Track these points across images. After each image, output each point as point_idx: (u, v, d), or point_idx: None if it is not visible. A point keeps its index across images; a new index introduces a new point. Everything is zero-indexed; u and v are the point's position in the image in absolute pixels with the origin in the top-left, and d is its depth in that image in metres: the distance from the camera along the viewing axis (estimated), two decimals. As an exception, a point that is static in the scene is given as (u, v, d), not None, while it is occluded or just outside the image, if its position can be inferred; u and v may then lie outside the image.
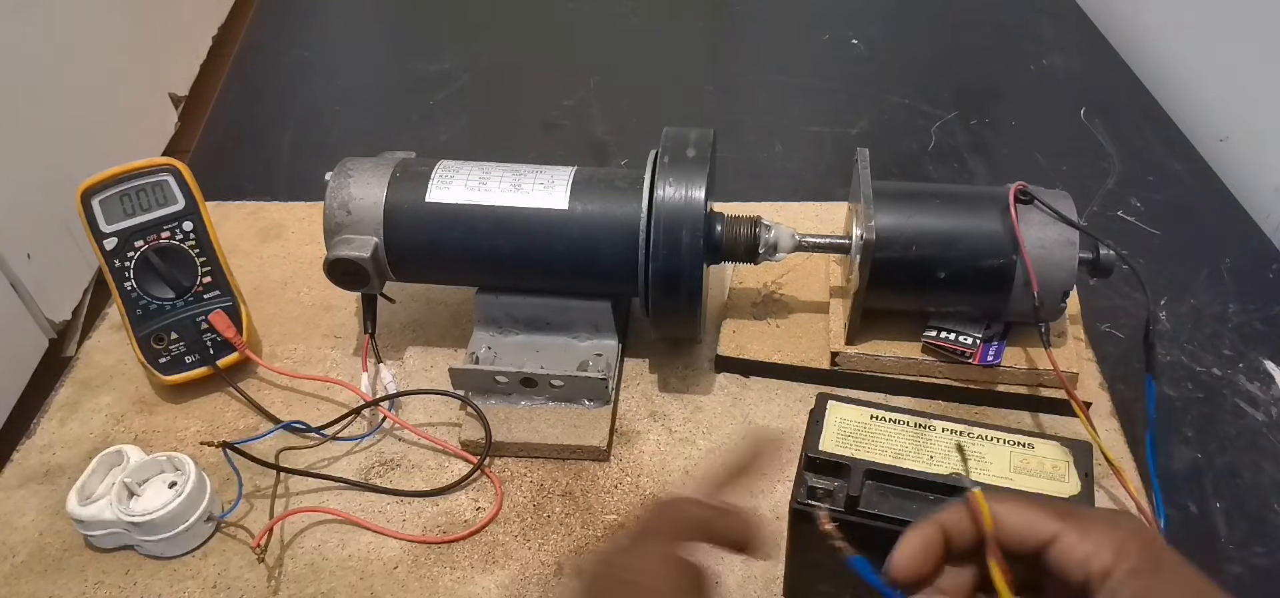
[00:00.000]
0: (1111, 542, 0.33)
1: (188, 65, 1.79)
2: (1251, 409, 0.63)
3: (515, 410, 0.62)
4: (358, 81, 1.08)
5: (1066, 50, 1.03)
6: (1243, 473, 0.60)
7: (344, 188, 0.61)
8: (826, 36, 1.08)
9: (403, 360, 0.68)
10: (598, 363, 0.63)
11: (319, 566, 0.56)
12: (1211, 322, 0.69)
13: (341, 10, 1.22)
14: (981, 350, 0.61)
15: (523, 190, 0.60)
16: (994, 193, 0.60)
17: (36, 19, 1.31)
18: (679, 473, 0.60)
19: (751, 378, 0.66)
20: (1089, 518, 0.34)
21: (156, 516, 0.54)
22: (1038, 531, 0.34)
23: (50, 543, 0.57)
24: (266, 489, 0.59)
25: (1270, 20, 0.85)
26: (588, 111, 0.97)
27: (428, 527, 0.57)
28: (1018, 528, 0.35)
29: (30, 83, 1.29)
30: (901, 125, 0.93)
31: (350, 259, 0.60)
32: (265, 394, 0.65)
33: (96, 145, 1.36)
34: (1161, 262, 0.74)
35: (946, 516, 0.36)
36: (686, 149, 0.59)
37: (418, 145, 0.67)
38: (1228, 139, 0.89)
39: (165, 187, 0.64)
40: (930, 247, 0.59)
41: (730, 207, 0.64)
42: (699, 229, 0.57)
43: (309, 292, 0.73)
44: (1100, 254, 0.59)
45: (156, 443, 0.62)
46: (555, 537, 0.57)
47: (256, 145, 0.95)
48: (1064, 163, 0.87)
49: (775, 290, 0.69)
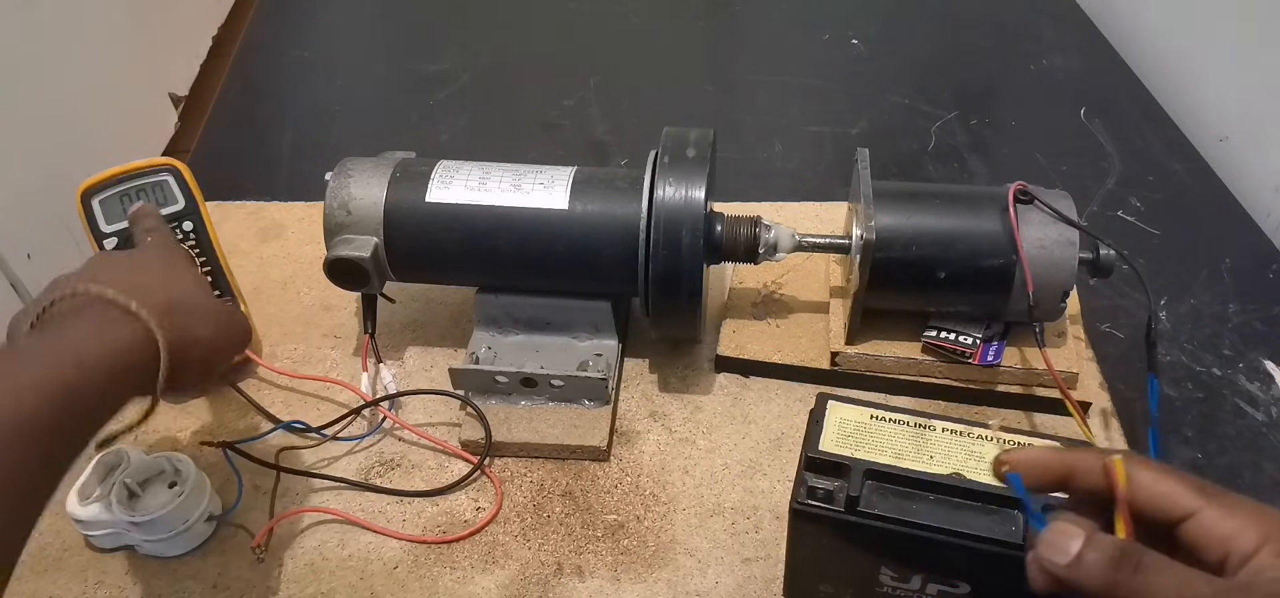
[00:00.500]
0: (1258, 525, 0.33)
1: (188, 65, 1.79)
2: (1251, 409, 0.63)
3: (515, 410, 0.62)
4: (358, 81, 1.08)
5: (1066, 50, 1.03)
6: (1243, 473, 0.60)
7: (344, 188, 0.61)
8: (826, 36, 1.08)
9: (403, 360, 0.68)
10: (598, 363, 0.63)
11: (319, 566, 0.56)
12: (1211, 322, 0.69)
13: (341, 10, 1.22)
14: (981, 350, 0.61)
15: (523, 190, 0.60)
16: (994, 193, 0.60)
17: (36, 19, 1.31)
18: (679, 473, 0.60)
19: (751, 378, 0.66)
20: (1232, 499, 0.35)
21: (156, 516, 0.54)
22: (1178, 503, 0.35)
23: (50, 543, 0.57)
24: (266, 489, 0.59)
25: (1270, 20, 0.85)
26: (588, 111, 0.97)
27: (428, 527, 0.57)
28: (1155, 496, 0.35)
29: (30, 83, 1.29)
30: (901, 125, 0.93)
31: (350, 259, 0.60)
32: (265, 394, 0.65)
33: (96, 145, 1.35)
34: (1161, 262, 0.74)
35: (1078, 456, 0.37)
36: (686, 149, 0.59)
37: (418, 145, 0.67)
38: (1228, 139, 0.89)
39: (165, 186, 0.64)
40: (930, 247, 0.59)
41: (730, 207, 0.64)
42: (699, 229, 0.57)
43: (309, 292, 0.73)
44: (1100, 254, 0.59)
45: (156, 443, 0.62)
46: (555, 537, 0.57)
47: (256, 145, 0.95)
48: (1064, 163, 0.86)
49: (775, 290, 0.69)
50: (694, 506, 0.58)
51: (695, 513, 0.58)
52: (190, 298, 0.50)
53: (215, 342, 0.52)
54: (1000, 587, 0.43)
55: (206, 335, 0.50)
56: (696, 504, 0.58)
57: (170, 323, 0.46)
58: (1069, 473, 0.37)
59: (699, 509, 0.58)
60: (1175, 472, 0.36)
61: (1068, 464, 0.37)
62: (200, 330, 0.49)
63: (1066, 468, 0.37)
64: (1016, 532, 0.41)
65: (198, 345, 0.49)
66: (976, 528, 0.42)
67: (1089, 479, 0.37)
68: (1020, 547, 0.41)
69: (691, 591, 0.54)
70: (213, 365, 0.53)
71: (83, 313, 0.45)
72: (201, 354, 0.50)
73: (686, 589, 0.54)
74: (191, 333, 0.48)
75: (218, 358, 0.54)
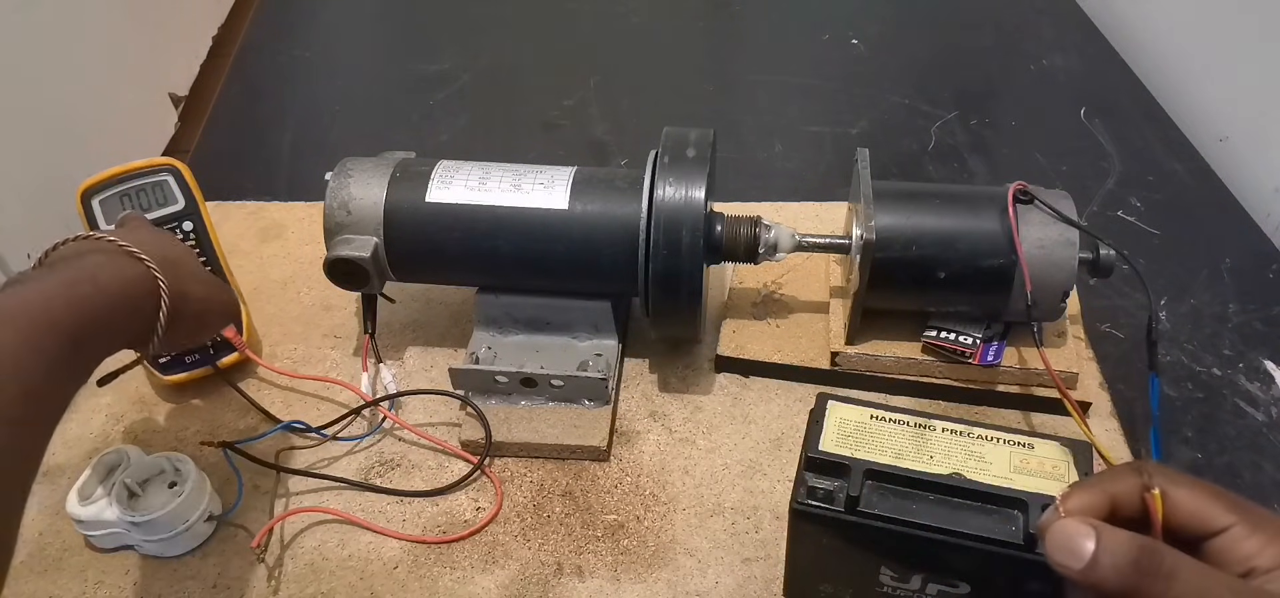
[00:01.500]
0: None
1: (188, 65, 1.79)
2: (1251, 409, 0.63)
3: (515, 410, 0.62)
4: (358, 81, 1.08)
5: (1066, 50, 1.03)
6: (1243, 473, 0.60)
7: (344, 188, 0.61)
8: (826, 36, 1.08)
9: (403, 360, 0.68)
10: (598, 363, 0.63)
11: (319, 566, 0.56)
12: (1211, 322, 0.69)
13: (341, 10, 1.22)
14: (981, 350, 0.61)
15: (523, 190, 0.60)
16: (993, 193, 0.60)
17: (37, 19, 1.31)
18: (679, 473, 0.60)
19: (751, 378, 0.66)
20: (1260, 515, 0.35)
21: (156, 516, 0.54)
22: (1212, 522, 0.35)
23: (50, 543, 0.57)
24: (266, 489, 0.59)
25: (1270, 20, 0.85)
26: (588, 111, 0.97)
27: (428, 527, 0.57)
28: (1191, 516, 0.36)
29: (30, 83, 1.29)
30: (901, 125, 0.93)
31: (350, 259, 0.60)
32: (265, 394, 0.65)
33: (96, 145, 1.35)
34: (1161, 262, 0.74)
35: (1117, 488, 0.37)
36: (686, 149, 0.59)
37: (418, 145, 0.67)
38: (1228, 139, 0.89)
39: (165, 186, 0.64)
40: (930, 247, 0.59)
41: (730, 207, 0.64)
42: (699, 229, 0.57)
43: (309, 292, 0.73)
44: (1100, 254, 0.59)
45: (156, 443, 0.62)
46: (555, 537, 0.57)
47: (256, 145, 0.95)
48: (1064, 163, 0.86)
49: (775, 290, 0.69)
50: (694, 506, 0.58)
51: (695, 513, 0.58)
52: (183, 259, 0.54)
53: (208, 302, 0.56)
54: (1000, 587, 0.43)
55: (200, 294, 0.54)
56: (696, 504, 0.58)
57: (167, 274, 0.49)
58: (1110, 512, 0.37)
59: (699, 509, 0.58)
60: (1207, 487, 0.36)
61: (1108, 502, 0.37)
62: (193, 288, 0.52)
63: (1108, 507, 0.37)
64: (1017, 532, 0.41)
65: (191, 301, 0.52)
66: (976, 528, 0.42)
67: (1128, 511, 0.37)
68: (1020, 547, 0.41)
69: (691, 591, 0.54)
70: (205, 324, 0.58)
71: (88, 254, 0.47)
72: (195, 310, 0.53)
73: (686, 589, 0.54)
74: (186, 288, 0.51)
75: (209, 318, 0.58)
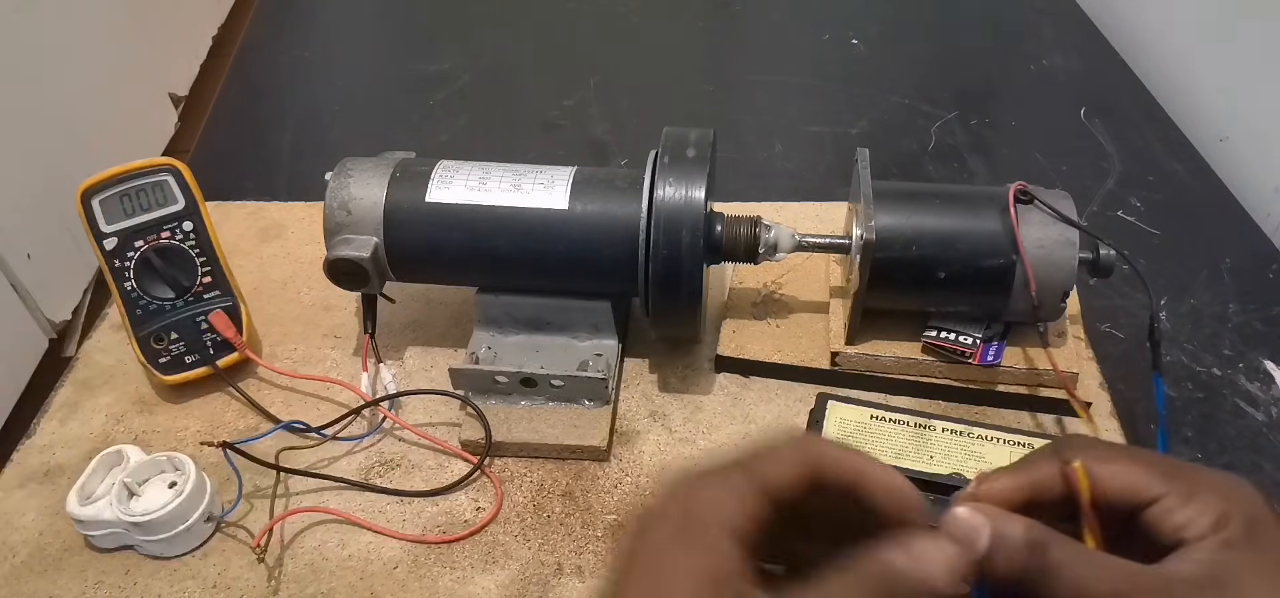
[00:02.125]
0: (1213, 510, 0.31)
1: (188, 65, 1.80)
2: (1251, 409, 0.63)
3: (515, 410, 0.62)
4: (358, 81, 1.08)
5: (1066, 50, 1.03)
6: (1242, 473, 0.59)
7: (344, 188, 0.61)
8: (826, 36, 1.08)
9: (403, 360, 0.68)
10: (598, 363, 0.63)
11: (319, 566, 0.56)
12: (1211, 322, 0.69)
13: (341, 10, 1.22)
14: (981, 350, 0.61)
15: (523, 190, 0.60)
16: (994, 193, 0.60)
17: (37, 19, 1.32)
18: (679, 473, 0.60)
19: (751, 378, 0.66)
20: (1196, 481, 0.32)
21: (156, 516, 0.54)
22: (1141, 493, 0.32)
23: (50, 543, 0.57)
24: (266, 489, 0.59)
25: (1270, 20, 0.85)
26: (588, 111, 0.97)
27: (428, 527, 0.57)
28: (1120, 491, 0.32)
29: (30, 83, 1.29)
30: (901, 125, 0.93)
31: (350, 259, 0.60)
32: (265, 394, 0.65)
33: (96, 145, 1.36)
34: (1161, 262, 0.74)
35: (1037, 473, 0.33)
36: (686, 149, 0.59)
37: (418, 145, 0.67)
38: (1228, 139, 0.89)
39: (165, 186, 0.64)
40: (930, 247, 0.59)
41: (730, 207, 0.63)
42: (699, 229, 0.57)
43: (309, 292, 0.73)
44: (1100, 254, 0.59)
45: (156, 443, 0.62)
46: (555, 537, 0.57)
47: (256, 145, 0.95)
48: (1064, 163, 0.87)
49: (775, 290, 0.69)
50: (694, 506, 0.58)
51: (695, 513, 0.57)
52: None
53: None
54: (999, 587, 0.43)
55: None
56: (696, 504, 0.58)
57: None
58: (1032, 497, 0.33)
59: (699, 509, 0.58)
60: (1138, 455, 0.33)
61: (1028, 487, 0.33)
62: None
63: (1028, 492, 0.33)
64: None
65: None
66: (976, 528, 0.41)
67: (1052, 493, 0.33)
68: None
69: (691, 591, 0.54)
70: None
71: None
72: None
73: (686, 589, 0.54)
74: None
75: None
